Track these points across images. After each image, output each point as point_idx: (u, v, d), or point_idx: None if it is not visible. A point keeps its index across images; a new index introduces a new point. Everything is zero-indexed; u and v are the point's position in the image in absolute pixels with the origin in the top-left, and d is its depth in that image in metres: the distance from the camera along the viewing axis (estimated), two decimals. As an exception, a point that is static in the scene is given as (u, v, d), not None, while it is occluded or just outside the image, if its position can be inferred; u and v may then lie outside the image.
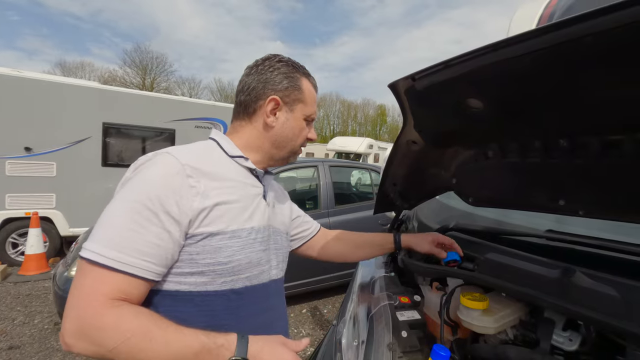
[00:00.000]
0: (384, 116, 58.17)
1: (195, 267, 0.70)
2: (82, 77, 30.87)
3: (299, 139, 0.90)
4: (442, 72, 0.62)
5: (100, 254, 0.60)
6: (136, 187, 0.67)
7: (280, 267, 0.91)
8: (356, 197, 4.82)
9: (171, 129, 5.78)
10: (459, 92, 0.67)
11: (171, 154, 0.71)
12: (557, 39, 0.46)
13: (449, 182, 1.11)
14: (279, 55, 0.88)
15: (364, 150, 16.56)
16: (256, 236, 0.79)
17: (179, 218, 0.66)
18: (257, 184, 0.87)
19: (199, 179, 0.71)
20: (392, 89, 0.76)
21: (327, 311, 3.79)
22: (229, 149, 0.84)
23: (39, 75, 5.24)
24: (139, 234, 0.63)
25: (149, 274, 0.64)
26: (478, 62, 0.55)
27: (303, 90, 0.86)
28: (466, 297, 0.97)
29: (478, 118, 0.73)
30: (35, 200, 4.80)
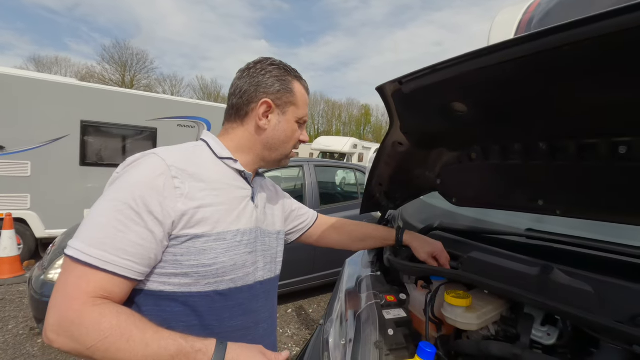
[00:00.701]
0: (368, 116, 58.64)
1: (179, 268, 0.70)
2: (57, 73, 29.76)
3: (291, 142, 0.91)
4: (429, 76, 0.64)
5: (83, 252, 0.61)
6: (121, 187, 0.68)
7: (268, 268, 0.91)
8: (341, 196, 4.85)
9: (153, 127, 5.66)
10: (445, 96, 0.69)
11: (158, 155, 0.72)
12: (536, 48, 0.48)
13: (434, 182, 1.13)
14: (271, 59, 0.88)
15: (349, 150, 16.66)
16: (242, 238, 0.80)
17: (162, 219, 0.66)
18: (246, 186, 0.87)
19: (184, 180, 0.71)
20: (379, 91, 0.78)
21: (312, 310, 3.80)
22: (218, 151, 0.84)
23: (13, 70, 5.02)
24: (122, 233, 0.63)
25: (131, 273, 0.65)
26: (463, 68, 0.57)
27: (295, 93, 0.87)
28: (450, 294, 0.99)
29: (462, 121, 0.75)
30: (8, 201, 4.61)
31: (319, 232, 1.19)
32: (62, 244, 3.14)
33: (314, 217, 1.20)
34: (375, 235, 1.22)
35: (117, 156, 5.45)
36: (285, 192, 1.15)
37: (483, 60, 0.53)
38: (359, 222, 1.25)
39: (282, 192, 1.13)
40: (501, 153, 0.85)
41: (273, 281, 0.94)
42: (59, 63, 31.89)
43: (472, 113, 0.71)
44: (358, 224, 1.23)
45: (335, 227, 1.21)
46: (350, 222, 1.24)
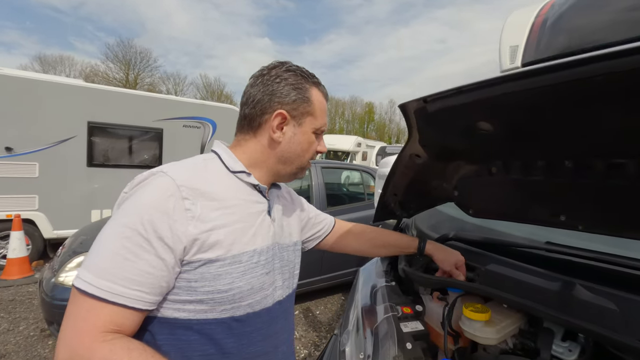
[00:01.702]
0: (371, 114, 58.50)
1: (194, 294, 0.67)
2: (62, 72, 29.94)
3: (307, 154, 0.85)
4: (455, 97, 0.63)
5: (91, 284, 0.59)
6: (129, 211, 0.64)
7: (287, 284, 0.88)
8: (347, 198, 4.85)
9: (159, 128, 5.68)
10: (470, 116, 0.69)
11: (167, 174, 0.68)
12: (572, 76, 0.47)
13: (450, 193, 1.13)
14: (287, 63, 0.82)
15: (352, 149, 16.61)
16: (259, 259, 0.76)
17: (172, 244, 0.63)
18: (261, 199, 0.82)
19: (195, 200, 0.67)
20: (401, 108, 0.77)
21: (319, 312, 3.81)
22: (231, 164, 0.79)
23: (21, 72, 5.05)
24: (130, 262, 0.60)
25: (141, 303, 0.62)
26: (493, 91, 0.56)
27: (312, 102, 0.81)
28: (469, 308, 0.99)
29: (486, 138, 0.75)
30: (16, 202, 4.65)
31: (336, 239, 1.17)
32: (72, 246, 3.16)
33: (332, 224, 1.17)
34: (395, 243, 1.19)
35: (123, 157, 5.48)
36: (301, 198, 1.10)
37: (515, 84, 0.53)
38: (377, 228, 1.22)
39: (298, 198, 1.09)
40: (524, 169, 0.84)
41: (291, 297, 0.91)
42: (63, 62, 32.03)
43: (497, 131, 0.71)
44: (378, 232, 1.20)
45: (354, 234, 1.18)
46: (369, 228, 1.20)
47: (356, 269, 4.03)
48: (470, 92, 0.59)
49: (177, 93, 34.52)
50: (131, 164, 5.52)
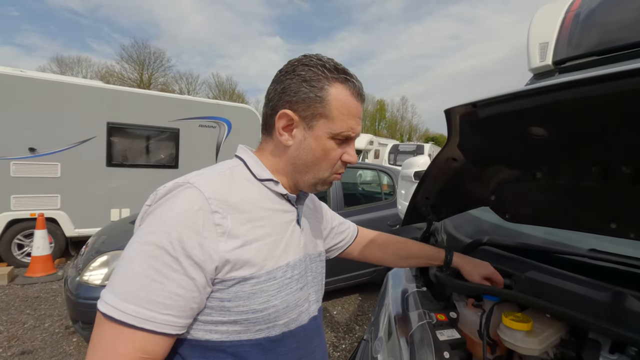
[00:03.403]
0: (382, 111, 58.08)
1: (227, 315, 0.63)
2: (78, 73, 30.63)
3: (324, 163, 0.73)
4: (510, 102, 0.60)
5: (116, 308, 0.55)
6: (155, 227, 0.59)
7: (317, 297, 0.83)
8: (364, 198, 4.82)
9: (175, 128, 5.74)
10: (523, 121, 0.66)
11: (194, 186, 0.63)
12: None
13: (486, 198, 1.10)
14: (310, 56, 0.71)
15: (365, 147, 16.54)
16: (292, 274, 0.71)
17: (202, 263, 0.58)
18: (290, 208, 0.77)
19: (225, 213, 0.62)
20: (447, 114, 0.75)
21: (336, 312, 3.80)
22: (258, 171, 0.73)
23: (43, 74, 5.19)
24: (158, 284, 0.56)
25: (171, 328, 0.58)
26: (554, 97, 0.53)
27: (328, 102, 0.68)
28: (509, 317, 0.96)
29: (535, 143, 0.72)
30: (40, 201, 4.78)
31: (360, 249, 1.13)
32: (95, 245, 3.22)
33: (354, 233, 1.13)
34: (421, 255, 1.16)
35: (141, 157, 5.57)
36: (323, 205, 1.06)
37: (584, 90, 0.50)
38: (402, 239, 1.19)
39: (321, 205, 1.03)
40: (573, 174, 0.81)
41: (321, 311, 0.86)
42: (81, 63, 32.71)
43: (552, 137, 0.68)
44: (403, 243, 1.16)
45: (378, 244, 1.14)
46: (393, 239, 1.16)
47: (374, 269, 4.03)
48: (528, 97, 0.57)
49: (189, 92, 34.93)
50: (148, 163, 5.61)
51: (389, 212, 3.99)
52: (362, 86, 0.74)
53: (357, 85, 0.72)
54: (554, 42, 1.88)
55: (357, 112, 0.72)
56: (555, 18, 1.99)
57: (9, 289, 4.07)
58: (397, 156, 15.20)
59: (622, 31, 1.61)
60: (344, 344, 3.19)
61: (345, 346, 3.15)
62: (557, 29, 1.96)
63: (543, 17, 2.09)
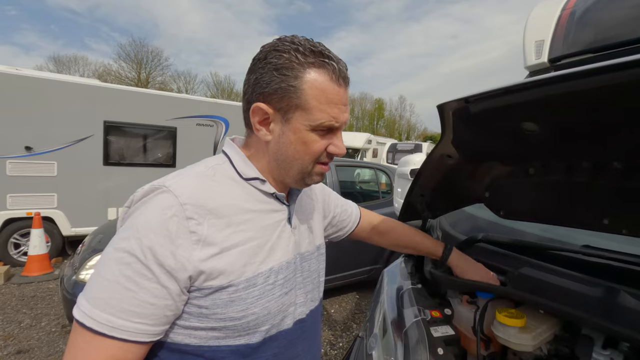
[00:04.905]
0: (381, 110, 58.10)
1: (205, 321, 0.61)
2: (75, 72, 30.50)
3: (307, 156, 0.67)
4: (501, 97, 0.60)
5: (88, 315, 0.54)
6: (128, 233, 0.57)
7: (311, 297, 0.79)
8: (361, 196, 4.82)
9: (172, 126, 5.72)
10: (515, 116, 0.66)
11: (170, 190, 0.60)
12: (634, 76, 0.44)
13: (481, 195, 1.10)
14: (285, 39, 0.65)
15: (363, 145, 16.53)
16: (276, 279, 0.68)
17: (175, 272, 0.56)
18: (279, 207, 0.73)
19: (202, 219, 0.59)
20: (439, 109, 0.74)
21: (334, 311, 3.80)
22: (243, 170, 0.69)
23: (39, 73, 5.15)
24: (130, 292, 0.54)
25: (144, 336, 0.56)
26: (544, 91, 0.53)
27: (302, 91, 0.62)
28: (502, 313, 0.96)
29: (527, 139, 0.72)
30: (36, 200, 4.75)
31: (359, 234, 1.12)
32: (91, 244, 3.21)
33: (357, 219, 1.10)
34: (419, 247, 1.16)
35: (138, 155, 5.55)
36: (326, 192, 1.00)
37: (575, 83, 0.50)
38: (404, 227, 1.17)
39: (323, 192, 0.98)
40: (566, 170, 0.81)
41: (316, 312, 0.82)
42: (78, 62, 32.58)
43: (543, 132, 0.68)
44: (403, 232, 1.15)
45: (379, 232, 1.14)
46: (394, 227, 1.15)
47: (370, 267, 4.04)
48: (519, 92, 0.56)
49: (187, 91, 34.86)
50: (146, 162, 5.59)
51: (387, 210, 4.00)
52: (344, 67, 0.65)
53: (337, 67, 0.64)
54: (549, 39, 1.88)
55: (339, 98, 0.64)
56: (551, 16, 1.99)
57: (5, 288, 4.06)
58: (396, 155, 15.22)
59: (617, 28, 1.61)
60: (341, 342, 3.20)
61: (343, 344, 3.15)
62: (553, 27, 1.96)
63: (539, 15, 2.09)
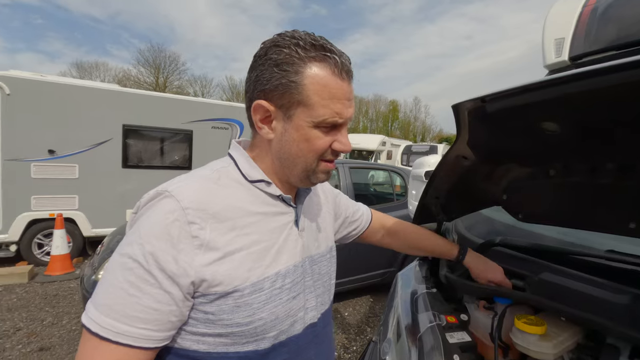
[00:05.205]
0: (395, 112, 57.68)
1: (212, 327, 0.60)
2: (97, 77, 31.51)
3: (311, 154, 0.65)
4: (519, 96, 0.58)
5: (94, 321, 0.54)
6: (132, 238, 0.58)
7: (321, 300, 0.77)
8: (376, 198, 4.78)
9: (188, 130, 5.82)
10: (534, 116, 0.63)
11: (172, 195, 0.59)
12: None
13: (498, 197, 1.07)
14: (285, 34, 0.63)
15: (378, 147, 16.40)
16: (283, 283, 0.66)
17: (177, 278, 0.56)
18: (286, 209, 0.71)
19: (204, 224, 0.59)
20: (454, 109, 0.73)
21: (347, 314, 3.77)
22: (248, 172, 0.68)
23: (62, 79, 5.34)
24: (134, 297, 0.54)
25: (149, 342, 0.56)
26: (564, 89, 0.51)
27: (304, 86, 0.60)
28: (521, 320, 0.93)
29: (547, 139, 0.69)
30: (58, 202, 4.91)
31: (371, 235, 1.09)
32: (110, 244, 3.29)
33: (368, 220, 1.07)
34: (433, 249, 1.13)
35: (155, 158, 5.66)
36: (336, 193, 0.99)
37: (596, 81, 0.47)
38: (417, 228, 1.15)
39: (333, 193, 0.96)
40: (589, 172, 0.78)
41: (326, 315, 0.80)
42: (99, 67, 33.66)
43: (564, 132, 0.65)
44: (417, 233, 1.13)
45: (391, 233, 1.11)
46: (408, 228, 1.12)
47: (384, 270, 3.99)
48: (538, 90, 0.54)
49: (204, 95, 35.50)
50: (163, 164, 5.69)
51: (401, 212, 3.95)
52: (347, 60, 0.63)
53: (340, 61, 0.61)
54: (570, 37, 1.82)
55: (342, 93, 0.62)
56: (571, 13, 1.93)
57: (29, 287, 4.19)
58: (410, 157, 15.04)
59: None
60: (355, 345, 3.17)
61: (357, 348, 3.13)
62: (574, 24, 1.90)
63: (559, 12, 2.03)
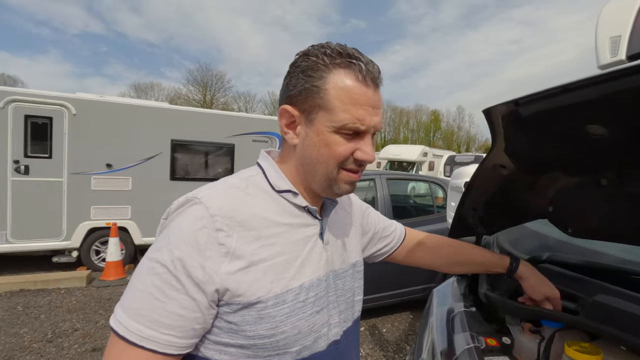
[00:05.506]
0: (437, 122, 56.23)
1: (235, 338, 0.60)
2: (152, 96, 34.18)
3: (331, 160, 0.64)
4: (558, 97, 0.53)
5: (122, 324, 0.55)
6: (161, 243, 0.59)
7: (344, 317, 0.75)
8: (415, 210, 4.63)
9: (231, 143, 6.08)
10: (576, 118, 0.57)
11: (201, 202, 0.60)
12: None
13: (544, 209, 0.97)
14: (317, 44, 0.65)
15: (418, 158, 15.99)
16: (307, 296, 0.65)
17: (203, 285, 0.56)
18: (311, 221, 0.70)
19: (231, 231, 0.59)
20: (486, 114, 0.68)
21: (386, 330, 3.64)
22: (275, 182, 0.68)
23: (119, 99, 5.85)
24: (160, 302, 0.55)
25: (172, 348, 0.56)
26: (614, 86, 0.45)
27: (326, 91, 0.61)
28: (572, 347, 0.83)
29: (595, 144, 0.62)
30: (114, 212, 5.31)
31: (407, 253, 1.01)
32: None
33: (401, 236, 1.01)
34: (479, 260, 1.02)
35: (200, 171, 5.97)
36: (364, 207, 0.95)
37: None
38: (456, 241, 1.05)
39: (361, 208, 0.93)
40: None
41: (350, 332, 0.77)
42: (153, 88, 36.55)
43: (614, 135, 0.58)
44: (457, 246, 1.04)
45: (428, 248, 1.02)
46: (447, 242, 1.04)
47: (425, 286, 3.83)
48: (580, 89, 0.49)
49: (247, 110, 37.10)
50: (207, 177, 5.97)
51: (442, 225, 3.78)
52: (374, 69, 0.63)
53: (365, 67, 0.61)
54: (627, 34, 1.66)
55: (366, 99, 0.61)
56: (628, 9, 1.76)
57: (87, 291, 4.54)
58: (454, 168, 14.46)
59: None
60: (394, 364, 3.04)
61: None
62: (632, 21, 1.73)
63: (614, 10, 1.87)
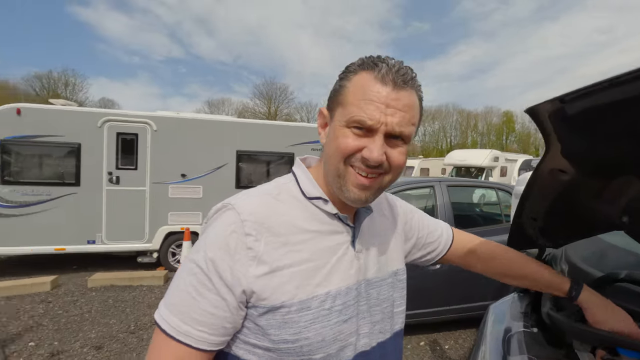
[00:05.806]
0: (510, 123, 51.92)
1: (261, 340, 0.62)
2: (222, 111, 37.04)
3: (336, 152, 0.63)
4: (607, 92, 0.46)
5: (164, 318, 0.60)
6: (199, 246, 0.63)
7: (379, 328, 0.73)
8: (481, 219, 4.30)
9: (290, 152, 6.32)
10: (634, 114, 0.49)
11: (234, 208, 0.63)
12: None
13: (617, 220, 0.85)
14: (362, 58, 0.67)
15: (488, 164, 14.84)
16: (333, 304, 0.64)
17: (232, 287, 0.59)
18: (342, 228, 0.70)
19: (259, 236, 0.61)
20: (530, 114, 0.62)
21: (448, 347, 3.42)
22: (307, 189, 0.69)
23: (191, 114, 6.47)
24: (195, 301, 0.59)
25: (205, 344, 0.59)
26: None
27: (346, 88, 0.63)
28: (655, 383, 0.71)
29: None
30: (187, 218, 5.83)
31: (455, 259, 0.97)
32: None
33: (447, 243, 0.95)
34: (534, 277, 0.91)
35: (262, 179, 6.27)
36: (408, 210, 0.92)
37: None
38: (514, 252, 0.96)
39: (404, 211, 0.90)
40: None
41: (390, 343, 0.75)
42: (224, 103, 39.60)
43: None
44: (513, 258, 0.94)
45: (479, 257, 0.95)
46: (502, 252, 0.95)
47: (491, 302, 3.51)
48: (630, 82, 0.42)
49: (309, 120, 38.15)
50: (268, 185, 6.28)
51: (512, 236, 3.46)
52: (399, 70, 0.60)
53: (386, 68, 0.60)
54: None
55: (380, 96, 0.59)
56: None
57: (164, 289, 5.01)
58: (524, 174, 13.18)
59: None
60: (456, 384, 2.84)
61: (458, 387, 2.79)
62: None
63: None
